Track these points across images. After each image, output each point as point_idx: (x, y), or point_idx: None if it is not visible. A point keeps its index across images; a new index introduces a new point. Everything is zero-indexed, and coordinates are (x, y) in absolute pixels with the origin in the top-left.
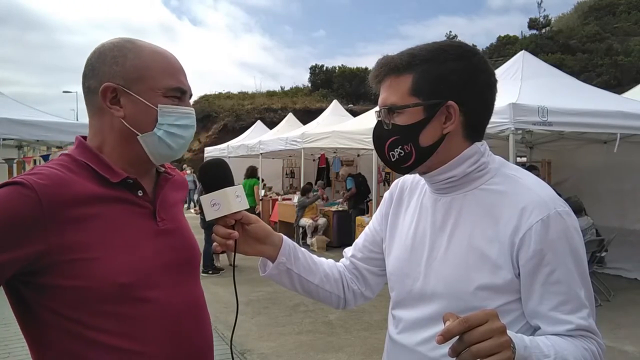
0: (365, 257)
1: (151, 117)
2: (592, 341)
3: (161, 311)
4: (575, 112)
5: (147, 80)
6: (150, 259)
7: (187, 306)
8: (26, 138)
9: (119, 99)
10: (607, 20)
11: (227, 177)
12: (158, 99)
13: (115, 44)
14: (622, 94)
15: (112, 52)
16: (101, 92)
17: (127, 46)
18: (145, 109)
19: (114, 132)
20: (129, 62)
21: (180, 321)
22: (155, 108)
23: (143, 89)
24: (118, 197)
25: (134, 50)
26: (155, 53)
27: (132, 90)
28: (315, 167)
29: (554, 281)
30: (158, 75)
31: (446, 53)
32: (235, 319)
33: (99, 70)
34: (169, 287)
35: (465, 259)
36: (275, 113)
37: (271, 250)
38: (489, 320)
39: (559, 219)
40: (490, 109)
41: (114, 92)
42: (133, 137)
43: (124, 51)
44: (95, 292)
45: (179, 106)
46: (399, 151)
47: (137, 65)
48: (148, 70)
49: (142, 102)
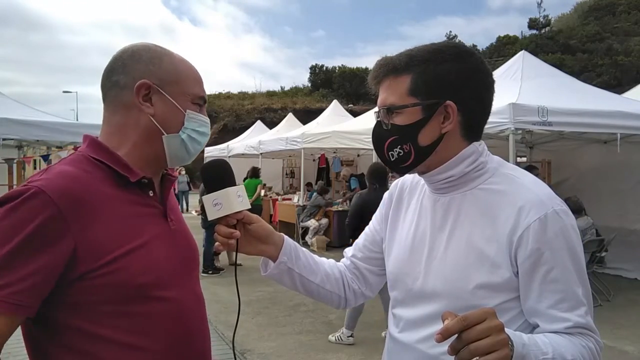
0: (365, 257)
1: (179, 119)
2: (590, 339)
3: (172, 310)
4: (575, 112)
5: (180, 85)
6: (164, 259)
7: (193, 305)
8: (26, 138)
9: (150, 97)
10: (607, 20)
11: (228, 177)
12: (187, 104)
13: (149, 47)
14: (622, 94)
15: (148, 53)
16: (136, 88)
17: (161, 50)
18: (174, 111)
19: (138, 129)
20: (165, 65)
21: (188, 320)
22: (183, 112)
23: (176, 92)
24: (133, 196)
25: (168, 55)
26: (185, 61)
27: (166, 91)
28: (315, 167)
29: (551, 279)
30: (189, 82)
31: (444, 54)
32: (237, 319)
33: (131, 67)
34: (179, 287)
35: (465, 258)
36: (275, 113)
37: (272, 249)
38: (487, 319)
39: (557, 218)
40: (488, 109)
41: (148, 90)
42: (158, 135)
43: (160, 54)
44: (114, 290)
45: (201, 114)
46: (398, 151)
47: (172, 69)
48: (181, 76)
49: (173, 103)
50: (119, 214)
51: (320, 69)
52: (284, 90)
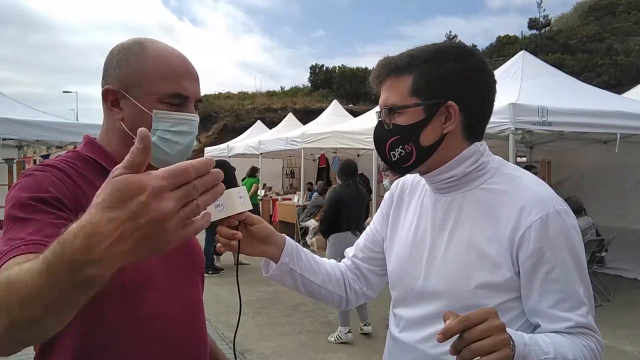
0: (366, 257)
1: (146, 122)
2: (591, 338)
3: (157, 314)
4: (575, 112)
5: (143, 85)
6: (154, 261)
7: (183, 310)
8: (26, 138)
9: (119, 102)
10: (607, 20)
11: (230, 178)
12: (153, 104)
13: (124, 46)
14: (622, 94)
15: (118, 55)
16: (102, 95)
17: (134, 49)
18: (140, 114)
19: (116, 132)
20: (130, 67)
21: (175, 325)
22: (150, 113)
23: (140, 93)
24: None
25: (138, 54)
26: (159, 57)
27: (130, 95)
28: (315, 167)
29: (553, 279)
30: (156, 81)
31: (445, 54)
32: (239, 320)
33: (106, 71)
34: (168, 291)
35: (465, 257)
36: (275, 113)
37: (274, 250)
38: (488, 319)
39: (558, 218)
40: (489, 109)
41: (115, 95)
42: (131, 139)
43: (129, 54)
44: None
45: (176, 112)
46: (400, 151)
47: (137, 69)
48: (146, 75)
49: (138, 106)
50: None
51: (320, 69)
52: (284, 90)
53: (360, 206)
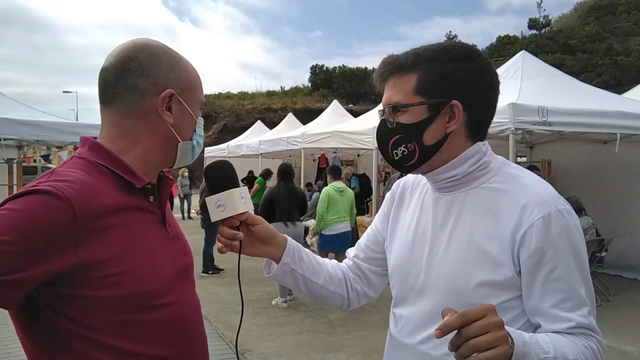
0: (367, 257)
1: (192, 127)
2: (593, 339)
3: (173, 316)
4: (575, 112)
5: (193, 92)
6: (167, 266)
7: (191, 309)
8: (26, 138)
9: (170, 106)
10: (607, 20)
11: (232, 178)
12: (197, 111)
13: (163, 48)
14: (622, 94)
15: (165, 57)
16: (162, 97)
17: (174, 55)
18: (189, 119)
19: (154, 136)
20: (182, 72)
21: (187, 324)
22: (195, 119)
23: (191, 100)
24: (136, 203)
25: (182, 61)
26: (193, 66)
27: (184, 99)
28: (315, 167)
29: (554, 278)
30: (199, 89)
31: (450, 53)
32: (240, 320)
33: (152, 72)
34: (178, 292)
35: (466, 255)
36: (275, 113)
37: (276, 251)
38: (486, 315)
39: (560, 217)
40: (493, 109)
41: (170, 99)
42: (174, 143)
43: (176, 59)
44: (121, 301)
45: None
46: (403, 150)
47: (188, 76)
48: (194, 83)
49: (189, 112)
50: (124, 223)
51: (320, 69)
52: (284, 90)
53: (292, 202)
